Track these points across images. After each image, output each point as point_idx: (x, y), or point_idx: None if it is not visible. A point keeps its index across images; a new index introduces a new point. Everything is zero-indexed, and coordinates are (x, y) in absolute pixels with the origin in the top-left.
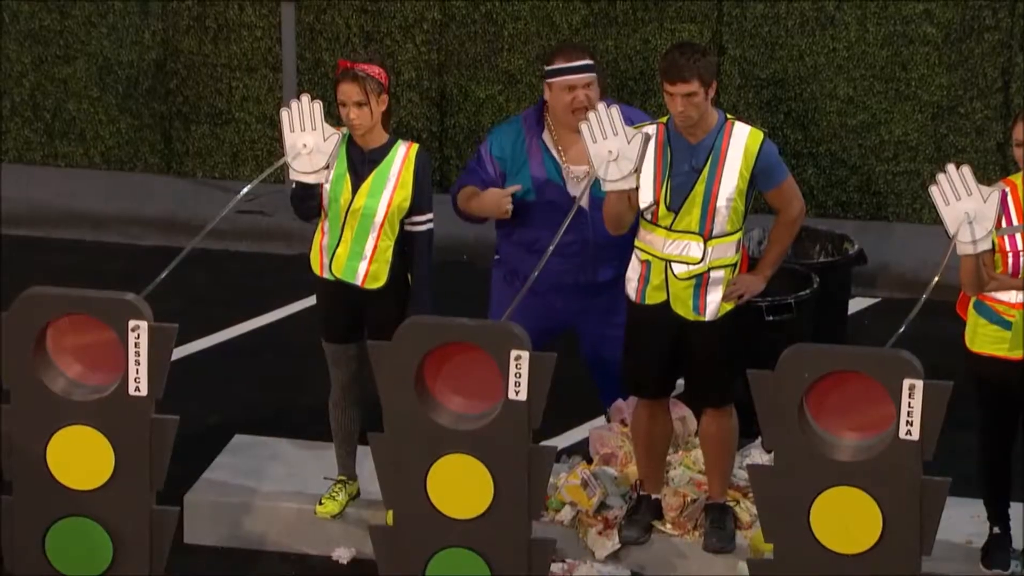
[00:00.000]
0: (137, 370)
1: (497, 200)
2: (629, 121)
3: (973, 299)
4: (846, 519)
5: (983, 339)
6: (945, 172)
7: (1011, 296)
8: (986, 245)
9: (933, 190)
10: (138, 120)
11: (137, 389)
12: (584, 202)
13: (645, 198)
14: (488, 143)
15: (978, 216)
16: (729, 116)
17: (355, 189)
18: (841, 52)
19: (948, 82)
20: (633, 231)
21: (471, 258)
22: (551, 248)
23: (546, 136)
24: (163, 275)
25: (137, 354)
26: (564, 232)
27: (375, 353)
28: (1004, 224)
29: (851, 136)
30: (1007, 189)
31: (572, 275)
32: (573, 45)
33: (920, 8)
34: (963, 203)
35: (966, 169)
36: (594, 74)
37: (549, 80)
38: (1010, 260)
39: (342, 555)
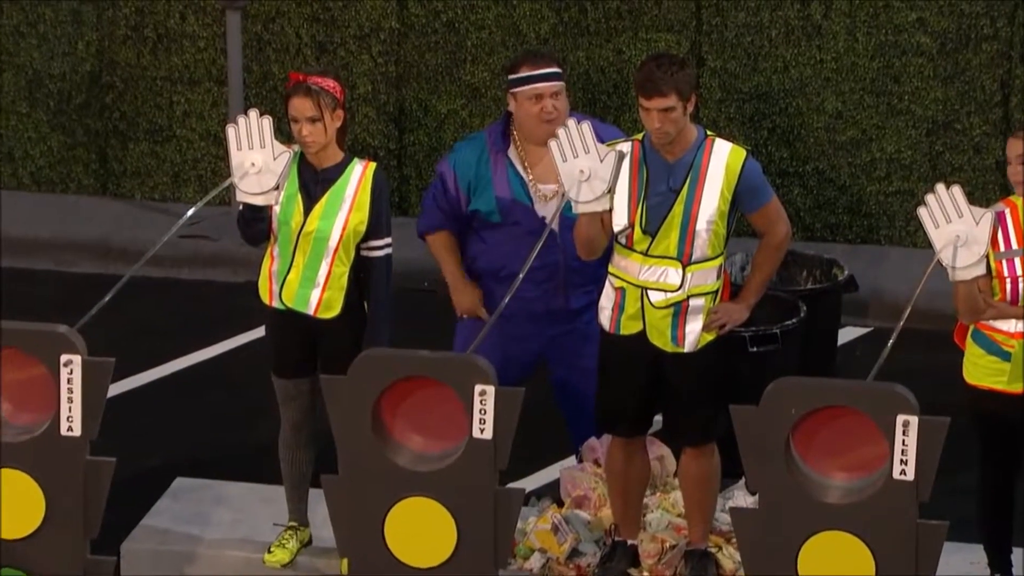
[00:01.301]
0: (70, 408)
1: (467, 306)
2: (601, 138)
3: (971, 328)
4: (836, 566)
5: (981, 371)
6: (934, 193)
7: (1010, 325)
8: (980, 270)
9: (922, 212)
10: (71, 138)
11: (70, 429)
12: (555, 224)
13: (619, 221)
14: (450, 162)
15: (970, 239)
16: (709, 132)
17: (307, 211)
18: (829, 64)
19: (944, 95)
20: (607, 256)
21: (433, 285)
22: (521, 276)
23: (512, 152)
24: (99, 305)
25: (70, 391)
26: (533, 257)
27: (329, 388)
28: (1003, 247)
29: (840, 154)
30: (1006, 210)
31: (542, 302)
32: (539, 52)
33: (913, 17)
34: (954, 225)
35: (956, 189)
36: (562, 82)
37: (514, 90)
38: (1008, 286)
39: None
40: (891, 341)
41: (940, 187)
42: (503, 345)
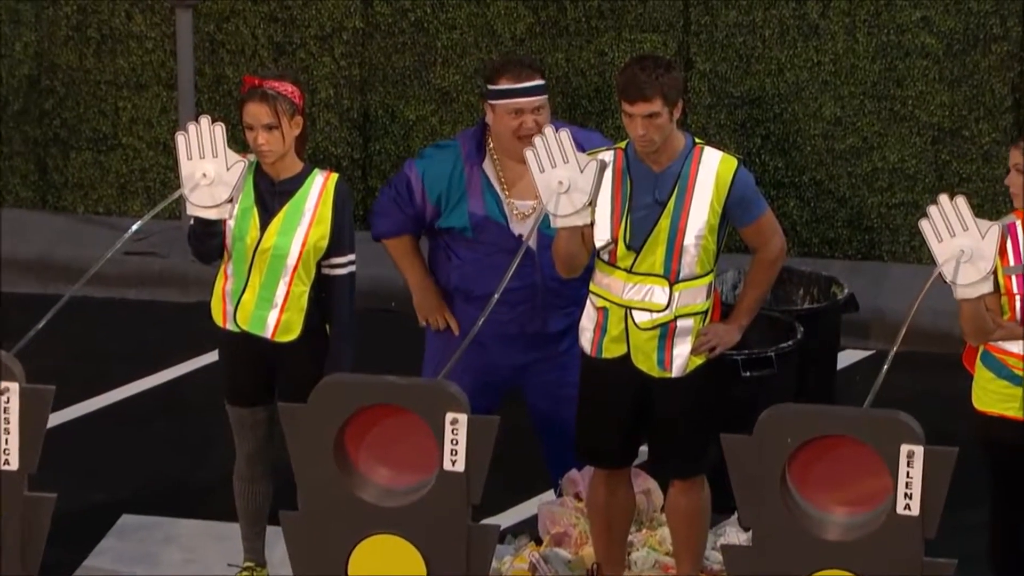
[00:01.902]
0: (6, 440)
1: (431, 310)
2: (581, 147)
3: (980, 350)
4: None
5: (991, 397)
6: (938, 204)
7: (1020, 347)
8: (986, 287)
9: (923, 225)
10: (7, 147)
11: (6, 462)
12: (532, 241)
13: (601, 235)
14: (419, 168)
15: (975, 255)
16: (698, 140)
17: (264, 226)
18: (827, 66)
19: (950, 100)
20: (588, 274)
21: (400, 306)
22: (496, 296)
23: (487, 166)
24: (37, 328)
25: (6, 421)
26: (509, 276)
27: (288, 417)
28: (1012, 262)
29: (839, 163)
30: (1017, 222)
31: (518, 325)
32: (521, 61)
33: (917, 15)
34: (958, 240)
35: (961, 200)
36: (545, 96)
37: (492, 101)
38: (1018, 304)
39: None
40: (887, 363)
41: (943, 198)
42: (476, 371)
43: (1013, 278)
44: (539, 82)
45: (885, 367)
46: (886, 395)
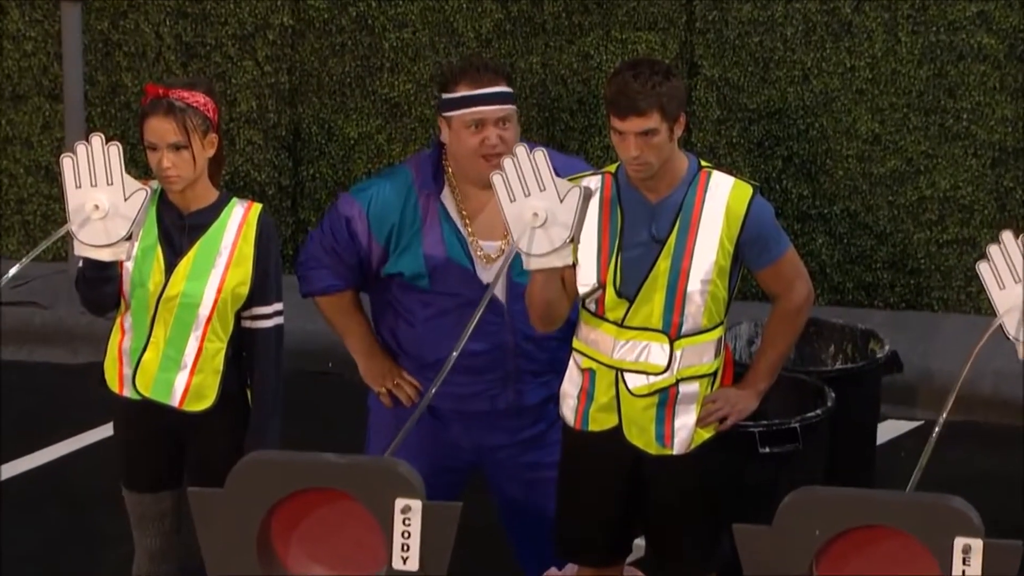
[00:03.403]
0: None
1: (383, 375)
2: (559, 172)
3: None
4: None
5: None
6: (1000, 242)
7: None
8: None
9: (982, 268)
10: None
11: None
12: (500, 290)
13: (586, 280)
14: (361, 202)
15: None
16: (704, 163)
17: (170, 269)
18: (862, 72)
19: (1014, 114)
20: (571, 331)
21: (340, 366)
22: (454, 354)
23: (446, 197)
24: None
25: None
26: (473, 334)
27: (200, 504)
28: None
29: (878, 191)
30: None
31: (485, 399)
32: (483, 63)
33: (973, 10)
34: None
35: None
36: (512, 106)
37: (447, 114)
38: None
39: None
40: (934, 435)
41: (1007, 235)
42: (432, 450)
43: None
44: (504, 88)
45: (932, 439)
46: (937, 475)
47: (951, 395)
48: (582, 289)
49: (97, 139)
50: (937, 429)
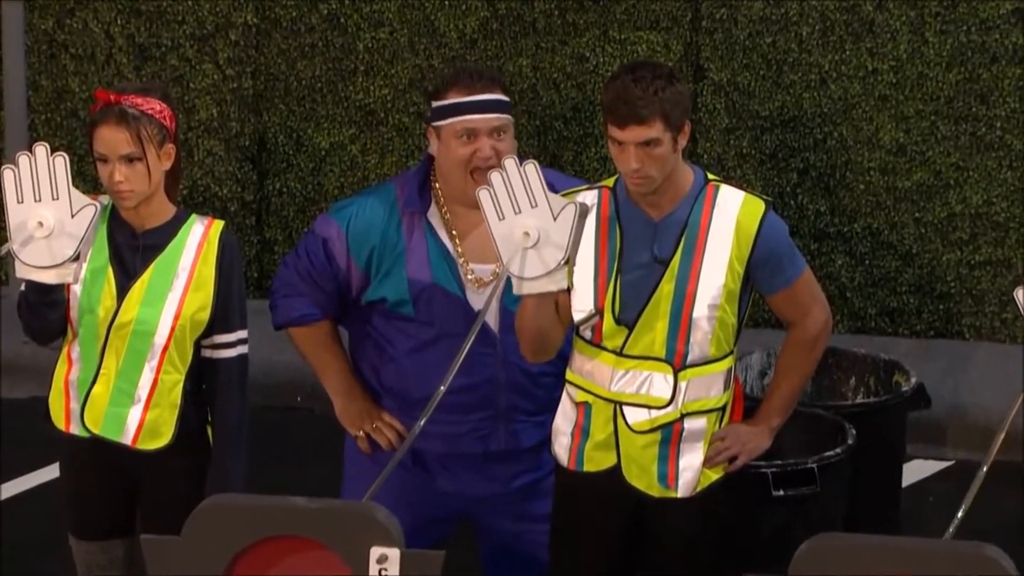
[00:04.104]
0: None
1: (363, 416)
2: (552, 188)
3: None
4: None
5: None
6: None
7: None
8: None
9: (1019, 292)
10: None
11: None
12: (492, 319)
13: (582, 305)
14: (339, 221)
15: None
16: (712, 176)
17: (122, 293)
18: (885, 75)
19: None
20: (563, 360)
21: (309, 400)
22: (443, 388)
23: (433, 215)
24: None
25: None
26: (461, 368)
27: (155, 553)
28: None
29: (903, 206)
30: None
31: (474, 439)
32: (476, 69)
33: (1008, 7)
34: None
35: None
36: (508, 116)
37: (437, 123)
38: None
39: None
40: (977, 479)
41: None
42: (413, 496)
43: None
44: (499, 96)
45: (979, 478)
46: (972, 521)
47: (1000, 433)
48: (577, 315)
49: (41, 150)
50: (983, 469)
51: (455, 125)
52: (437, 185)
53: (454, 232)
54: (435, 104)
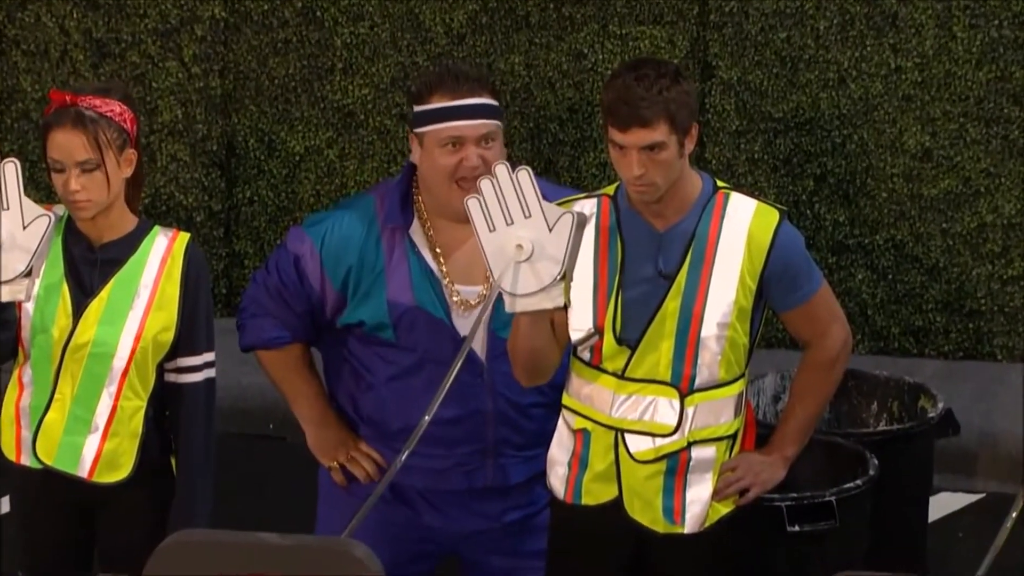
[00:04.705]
0: None
1: (336, 447)
2: (546, 197)
3: None
4: None
5: None
6: None
7: None
8: None
9: None
10: None
11: None
12: (479, 345)
13: (581, 324)
14: (313, 236)
15: None
16: (721, 184)
17: (78, 311)
18: (910, 74)
19: None
20: (557, 390)
21: (283, 429)
22: (427, 417)
23: (416, 232)
24: None
25: None
26: (446, 398)
27: None
28: None
29: (929, 216)
30: None
31: (459, 475)
32: (463, 71)
33: None
34: None
35: None
36: (497, 122)
37: (419, 129)
38: None
39: None
40: (1012, 513)
41: None
42: (394, 530)
43: None
44: (487, 100)
45: (1011, 517)
46: (1005, 559)
47: None
48: (575, 335)
49: None
50: (1019, 503)
51: (439, 132)
52: (420, 198)
53: (438, 250)
54: (417, 109)
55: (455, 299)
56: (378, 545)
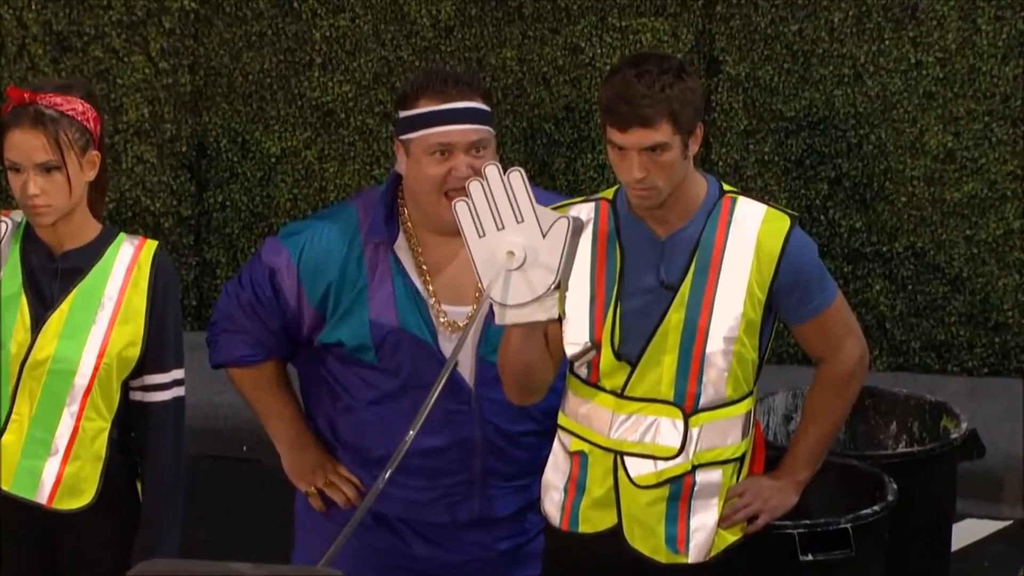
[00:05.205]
0: None
1: (313, 471)
2: (540, 202)
3: None
4: None
5: None
6: None
7: None
8: None
9: None
10: None
11: None
12: (467, 370)
13: (577, 338)
14: (290, 248)
15: None
16: (728, 188)
17: (37, 325)
18: (931, 69)
19: None
20: (549, 416)
21: (256, 451)
22: (412, 432)
23: (401, 248)
24: None
25: None
26: (432, 428)
27: None
28: None
29: (952, 222)
30: None
31: (441, 507)
32: (452, 73)
33: None
34: None
35: None
36: (489, 128)
37: (405, 136)
38: None
39: None
40: None
41: None
42: (375, 558)
43: None
44: (478, 105)
45: None
46: None
47: None
48: (571, 349)
49: None
50: None
51: (426, 139)
52: (406, 210)
53: (425, 267)
54: (403, 114)
55: (442, 320)
56: (361, 573)
